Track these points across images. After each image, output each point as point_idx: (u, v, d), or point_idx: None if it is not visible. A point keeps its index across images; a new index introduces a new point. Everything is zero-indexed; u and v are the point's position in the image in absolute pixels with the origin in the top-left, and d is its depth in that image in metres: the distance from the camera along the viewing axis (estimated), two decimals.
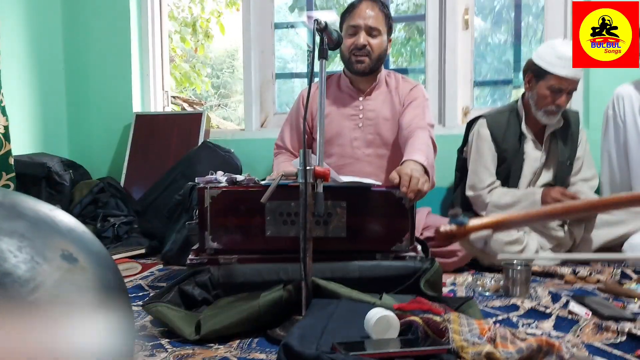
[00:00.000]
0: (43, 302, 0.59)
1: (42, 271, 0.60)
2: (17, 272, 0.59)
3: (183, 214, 2.19)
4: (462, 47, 2.85)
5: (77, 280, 0.64)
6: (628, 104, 2.24)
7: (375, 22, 2.01)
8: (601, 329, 1.25)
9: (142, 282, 1.82)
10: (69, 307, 0.61)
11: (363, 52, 2.01)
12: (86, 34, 3.10)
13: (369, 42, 2.01)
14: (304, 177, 1.24)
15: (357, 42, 2.00)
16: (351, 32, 2.03)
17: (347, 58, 2.06)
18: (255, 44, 3.06)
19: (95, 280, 0.67)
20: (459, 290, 1.71)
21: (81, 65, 3.11)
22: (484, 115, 2.27)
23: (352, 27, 2.02)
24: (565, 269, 1.90)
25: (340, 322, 1.10)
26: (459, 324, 1.05)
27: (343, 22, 2.08)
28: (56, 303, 0.60)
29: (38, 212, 0.67)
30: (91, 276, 0.67)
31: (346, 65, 2.10)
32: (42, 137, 2.93)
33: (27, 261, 0.60)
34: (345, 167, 2.07)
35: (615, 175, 2.31)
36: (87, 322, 0.63)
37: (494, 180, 2.20)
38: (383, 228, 1.52)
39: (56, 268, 0.62)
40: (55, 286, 0.61)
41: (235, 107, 9.00)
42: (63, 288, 0.62)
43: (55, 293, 0.61)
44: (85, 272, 0.66)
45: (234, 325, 1.22)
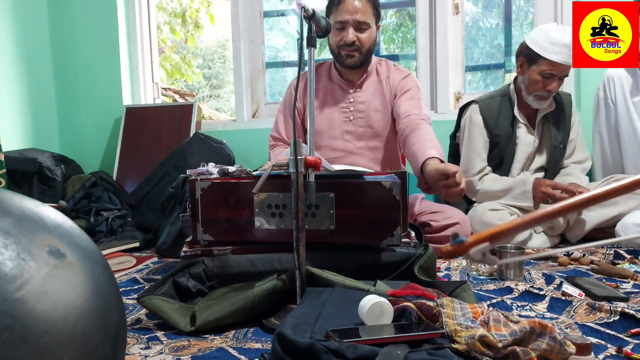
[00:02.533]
0: (30, 299, 0.59)
1: (28, 268, 0.60)
2: (3, 269, 0.58)
3: (176, 207, 2.18)
4: (453, 32, 2.84)
5: (65, 276, 0.64)
6: (618, 86, 2.24)
7: (363, 15, 1.96)
8: (594, 309, 1.26)
9: (136, 275, 1.82)
10: (57, 304, 0.61)
11: (353, 47, 1.99)
12: (74, 27, 3.06)
13: (358, 37, 1.98)
14: (295, 167, 1.24)
15: (346, 38, 1.97)
16: (339, 27, 1.98)
17: (336, 52, 2.03)
18: (244, 34, 3.04)
19: (83, 276, 0.67)
20: (453, 275, 1.72)
21: (70, 59, 3.07)
22: (475, 101, 2.27)
23: (340, 22, 1.97)
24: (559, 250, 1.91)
25: (334, 309, 1.10)
26: (452, 308, 1.05)
27: (330, 14, 2.02)
28: (43, 299, 0.59)
29: (23, 208, 0.67)
30: (79, 272, 0.66)
31: (336, 59, 2.07)
32: (32, 132, 2.91)
33: (13, 258, 0.59)
34: (338, 160, 2.06)
35: (607, 157, 2.32)
36: (76, 317, 0.63)
37: (485, 165, 2.21)
38: (373, 221, 1.46)
39: (43, 264, 0.62)
40: (43, 282, 0.61)
41: (228, 98, 8.95)
42: (50, 284, 0.61)
43: (42, 289, 0.60)
44: (73, 268, 0.65)
45: (229, 316, 1.22)
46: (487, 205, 2.12)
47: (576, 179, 2.17)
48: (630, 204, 2.09)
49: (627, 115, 2.23)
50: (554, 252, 1.32)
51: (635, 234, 1.93)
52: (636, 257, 1.80)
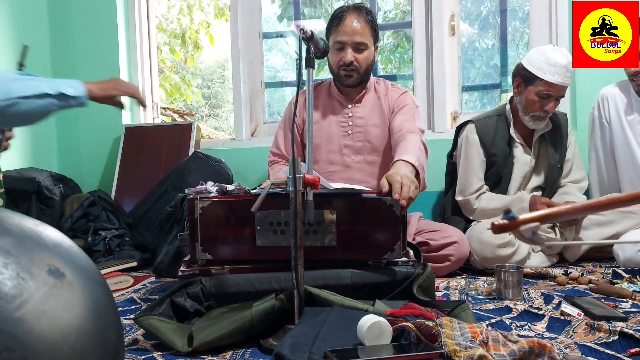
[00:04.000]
0: (29, 319, 0.59)
1: (27, 287, 0.60)
2: (3, 289, 0.58)
3: (175, 226, 2.18)
4: (449, 53, 2.88)
5: (64, 296, 0.64)
6: (612, 105, 2.27)
7: (362, 36, 2.00)
8: (593, 329, 1.25)
9: (134, 295, 1.81)
10: (56, 323, 0.61)
11: (351, 67, 2.02)
12: (75, 47, 3.09)
13: (356, 57, 2.01)
14: (294, 185, 1.24)
15: (344, 59, 2.01)
16: (338, 47, 2.03)
17: (335, 72, 2.07)
18: (244, 54, 3.07)
19: (83, 295, 0.67)
20: (452, 294, 1.71)
21: (70, 78, 3.09)
22: (472, 121, 2.28)
23: (339, 42, 2.01)
24: (557, 270, 1.91)
25: (332, 329, 1.09)
26: (451, 328, 1.05)
27: (329, 35, 2.07)
28: (43, 319, 0.59)
29: (23, 227, 0.67)
30: (79, 291, 0.66)
31: (335, 79, 2.11)
32: (31, 151, 2.92)
33: (13, 278, 0.60)
34: (336, 174, 2.08)
35: (603, 175, 2.33)
36: (75, 337, 0.63)
37: (482, 184, 2.22)
38: (374, 236, 1.49)
39: (42, 284, 0.62)
40: (42, 302, 0.61)
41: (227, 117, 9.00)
42: (50, 304, 0.61)
43: (42, 309, 0.60)
44: (72, 287, 0.66)
45: (226, 336, 1.22)
46: (485, 224, 2.12)
47: (574, 197, 2.18)
48: (628, 223, 2.09)
49: (622, 134, 2.25)
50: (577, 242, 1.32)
51: (633, 252, 1.93)
52: (634, 276, 1.80)
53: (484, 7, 3.45)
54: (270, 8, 3.98)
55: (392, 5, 4.74)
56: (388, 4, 4.70)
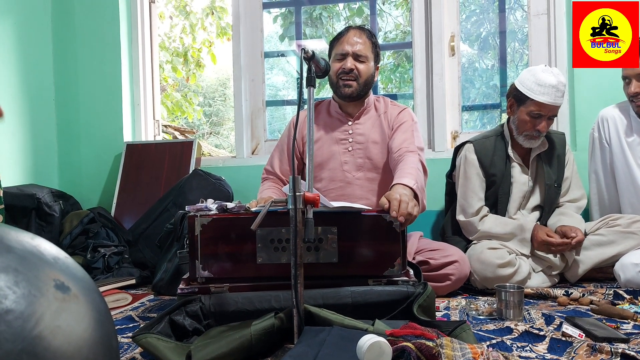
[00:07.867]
0: (46, 335, 0.59)
1: (40, 304, 0.60)
2: (19, 308, 0.59)
3: (174, 243, 2.17)
4: (450, 73, 2.90)
5: (74, 309, 0.64)
6: (612, 126, 2.28)
7: (363, 49, 2.05)
8: (595, 350, 1.24)
9: (132, 313, 1.79)
10: (70, 337, 0.61)
11: (351, 75, 2.04)
12: (77, 64, 3.12)
13: (356, 66, 2.04)
14: (294, 203, 1.25)
15: (344, 66, 2.04)
16: (339, 58, 2.07)
17: (334, 82, 2.09)
18: (245, 73, 3.10)
19: (88, 306, 0.67)
20: (452, 314, 1.70)
21: (72, 96, 3.12)
22: (470, 141, 2.29)
23: (340, 54, 2.06)
24: (558, 290, 1.90)
25: (332, 349, 1.08)
26: (452, 348, 1.04)
27: (332, 50, 2.11)
28: (58, 334, 0.60)
29: (23, 243, 0.67)
30: (84, 303, 0.67)
31: (334, 90, 2.13)
32: (32, 168, 2.92)
33: (26, 296, 0.60)
34: (336, 190, 2.08)
35: (603, 196, 2.33)
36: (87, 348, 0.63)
37: (482, 205, 2.22)
38: (374, 253, 1.51)
39: (53, 299, 0.62)
40: (55, 317, 0.61)
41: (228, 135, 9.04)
42: (62, 319, 0.62)
43: (56, 324, 0.61)
44: (78, 300, 0.66)
45: (225, 355, 1.20)
46: (486, 244, 2.11)
47: (570, 218, 2.17)
48: (629, 244, 2.09)
49: (622, 155, 2.26)
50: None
51: (634, 273, 1.92)
52: (636, 297, 1.79)
53: (483, 28, 3.49)
54: (272, 27, 4.03)
55: (392, 25, 4.80)
56: (389, 25, 4.76)
